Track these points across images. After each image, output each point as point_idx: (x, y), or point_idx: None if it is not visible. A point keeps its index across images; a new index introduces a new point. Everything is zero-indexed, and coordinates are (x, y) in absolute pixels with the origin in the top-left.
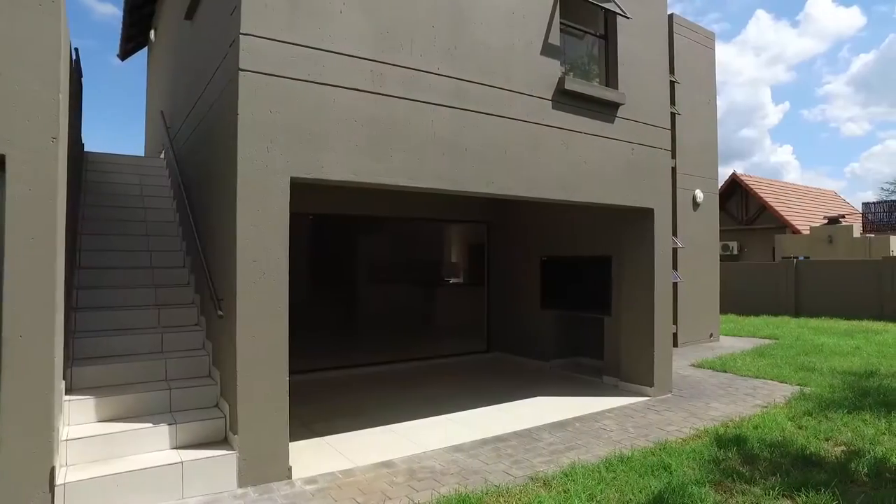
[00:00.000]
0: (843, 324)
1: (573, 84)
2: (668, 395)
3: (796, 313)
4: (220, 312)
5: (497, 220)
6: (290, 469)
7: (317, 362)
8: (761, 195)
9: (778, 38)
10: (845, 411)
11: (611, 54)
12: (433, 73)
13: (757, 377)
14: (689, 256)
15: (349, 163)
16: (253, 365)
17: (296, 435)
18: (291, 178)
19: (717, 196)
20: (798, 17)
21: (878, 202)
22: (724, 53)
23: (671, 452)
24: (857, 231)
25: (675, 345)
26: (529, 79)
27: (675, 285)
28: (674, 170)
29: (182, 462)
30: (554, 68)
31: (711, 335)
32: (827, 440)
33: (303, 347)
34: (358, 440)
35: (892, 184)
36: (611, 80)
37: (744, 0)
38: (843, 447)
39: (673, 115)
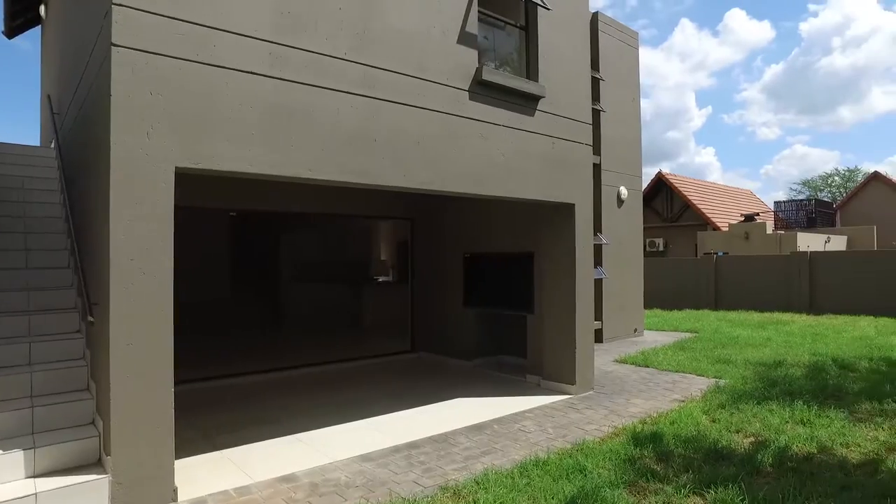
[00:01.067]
0: (756, 316)
1: (491, 75)
2: (591, 392)
3: (716, 307)
4: (90, 318)
5: (421, 216)
6: (175, 491)
7: (231, 367)
8: (685, 193)
9: (701, 45)
10: (755, 402)
11: (531, 46)
12: (340, 58)
13: (676, 371)
14: (614, 253)
15: (244, 152)
16: (129, 375)
17: (194, 449)
18: (177, 168)
19: (641, 193)
20: (718, 27)
21: (788, 201)
22: (652, 58)
23: (588, 453)
24: (769, 228)
25: (600, 340)
26: (445, 68)
27: (599, 282)
28: (598, 166)
29: (37, 493)
30: (471, 58)
31: (636, 330)
32: (737, 432)
33: (217, 351)
34: (262, 452)
35: (799, 184)
36: (531, 72)
37: (671, 8)
38: (751, 438)
39: (597, 111)
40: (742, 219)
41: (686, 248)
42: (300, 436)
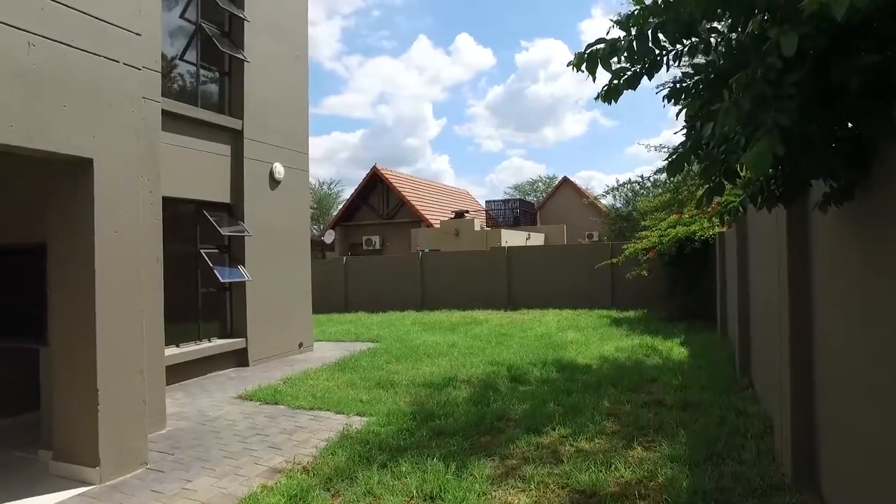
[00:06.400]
0: (457, 315)
1: None
2: (138, 470)
3: (422, 305)
4: None
5: None
6: None
7: None
8: (400, 190)
9: (436, 62)
10: (383, 461)
11: None
12: None
13: (312, 408)
14: (265, 247)
15: None
16: None
17: None
18: None
19: (308, 174)
20: (450, 47)
21: (498, 200)
22: (393, 68)
23: None
24: (478, 225)
25: (245, 364)
26: None
27: (242, 285)
28: (239, 132)
29: None
30: None
31: (301, 345)
32: None
33: None
34: None
35: (511, 189)
36: None
37: (410, 23)
38: None
39: (240, 61)
40: (453, 216)
41: (402, 246)
42: None
